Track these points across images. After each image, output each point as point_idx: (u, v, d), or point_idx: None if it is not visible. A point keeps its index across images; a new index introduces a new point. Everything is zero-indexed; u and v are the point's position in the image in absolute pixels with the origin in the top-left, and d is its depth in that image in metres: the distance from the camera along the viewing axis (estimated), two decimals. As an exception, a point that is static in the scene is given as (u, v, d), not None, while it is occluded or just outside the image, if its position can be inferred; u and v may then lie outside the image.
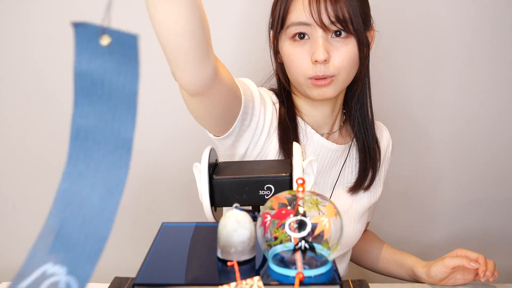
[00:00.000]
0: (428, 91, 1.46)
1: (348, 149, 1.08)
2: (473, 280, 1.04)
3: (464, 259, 1.02)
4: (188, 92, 0.82)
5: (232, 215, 0.68)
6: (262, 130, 0.98)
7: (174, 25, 0.71)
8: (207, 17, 0.76)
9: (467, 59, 1.44)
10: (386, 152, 1.17)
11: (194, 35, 0.73)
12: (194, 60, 0.75)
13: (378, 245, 1.22)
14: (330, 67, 0.93)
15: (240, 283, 0.61)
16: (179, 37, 0.72)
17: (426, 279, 1.06)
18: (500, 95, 1.46)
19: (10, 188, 1.49)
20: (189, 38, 0.73)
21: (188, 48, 0.74)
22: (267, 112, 0.99)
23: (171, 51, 0.75)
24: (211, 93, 0.82)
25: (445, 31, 1.42)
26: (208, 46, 0.77)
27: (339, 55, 0.93)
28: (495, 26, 1.42)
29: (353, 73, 0.98)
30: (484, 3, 1.41)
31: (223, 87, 0.84)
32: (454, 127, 1.49)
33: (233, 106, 0.90)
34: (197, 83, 0.79)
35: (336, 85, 0.96)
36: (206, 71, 0.78)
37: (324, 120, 1.05)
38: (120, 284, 0.79)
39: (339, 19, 0.90)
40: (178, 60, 0.76)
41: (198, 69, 0.77)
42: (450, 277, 1.04)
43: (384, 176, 1.18)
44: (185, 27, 0.71)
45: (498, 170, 1.52)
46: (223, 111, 0.89)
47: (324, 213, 0.65)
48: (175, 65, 0.77)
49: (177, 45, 0.73)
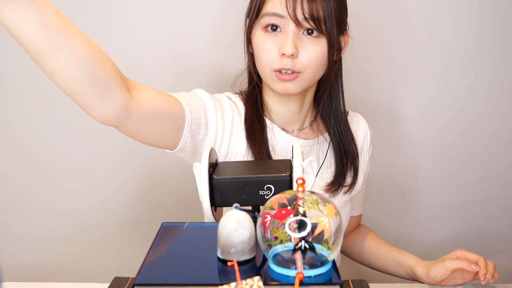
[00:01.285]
0: (429, 90, 1.46)
1: (316, 143, 1.09)
2: (472, 280, 1.05)
3: (464, 262, 1.02)
4: (104, 124, 0.82)
5: (232, 215, 0.68)
6: (223, 135, 0.99)
7: (61, 74, 0.72)
8: (103, 53, 0.77)
9: (473, 58, 1.44)
10: (364, 143, 1.17)
11: (85, 78, 0.73)
12: (94, 98, 0.76)
13: (376, 243, 1.23)
14: (297, 63, 0.94)
15: (240, 283, 0.61)
16: (71, 83, 0.73)
17: (425, 279, 1.07)
18: (502, 96, 1.46)
19: (10, 188, 1.49)
20: (80, 82, 0.73)
21: (84, 90, 0.74)
22: (226, 116, 1.00)
23: (69, 95, 0.76)
24: (131, 122, 0.82)
25: (443, 28, 1.42)
26: (108, 82, 0.76)
27: (307, 53, 0.94)
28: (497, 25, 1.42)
29: (319, 73, 0.99)
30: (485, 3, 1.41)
31: (145, 113, 0.84)
32: (455, 127, 1.49)
33: (169, 125, 0.90)
34: (107, 116, 0.79)
35: (300, 82, 0.96)
36: (113, 105, 0.78)
37: (291, 117, 1.06)
38: (120, 284, 0.79)
39: (313, 17, 0.91)
40: (78, 100, 0.77)
41: (102, 105, 0.77)
42: (449, 278, 1.04)
43: (365, 168, 1.17)
44: (72, 74, 0.72)
45: (498, 171, 1.52)
46: (156, 133, 0.89)
47: (324, 213, 0.65)
48: (79, 104, 0.78)
49: (71, 89, 0.74)
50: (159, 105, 0.88)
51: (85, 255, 1.54)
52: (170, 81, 1.42)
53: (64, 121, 1.44)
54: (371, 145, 1.20)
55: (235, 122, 1.02)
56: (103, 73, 0.75)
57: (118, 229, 1.53)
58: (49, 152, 1.46)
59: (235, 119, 1.02)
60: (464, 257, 1.04)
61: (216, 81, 1.37)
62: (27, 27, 0.67)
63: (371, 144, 1.20)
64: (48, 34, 0.69)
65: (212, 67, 1.40)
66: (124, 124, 0.82)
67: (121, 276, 0.81)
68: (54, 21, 0.69)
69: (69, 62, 0.71)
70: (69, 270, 1.54)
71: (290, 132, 1.07)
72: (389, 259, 1.16)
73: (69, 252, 1.53)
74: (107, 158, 1.47)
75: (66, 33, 0.71)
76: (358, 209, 1.27)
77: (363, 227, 1.31)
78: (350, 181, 1.11)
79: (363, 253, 1.24)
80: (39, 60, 0.71)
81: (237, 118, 1.03)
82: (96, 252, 1.54)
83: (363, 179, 1.17)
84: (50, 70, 0.72)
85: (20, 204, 1.51)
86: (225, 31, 1.37)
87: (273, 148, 1.04)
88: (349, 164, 1.10)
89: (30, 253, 1.53)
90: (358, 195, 1.23)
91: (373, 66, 1.43)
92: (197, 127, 0.96)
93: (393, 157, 1.51)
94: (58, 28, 0.69)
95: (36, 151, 1.46)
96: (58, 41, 0.70)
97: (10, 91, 1.44)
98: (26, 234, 1.52)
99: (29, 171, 1.48)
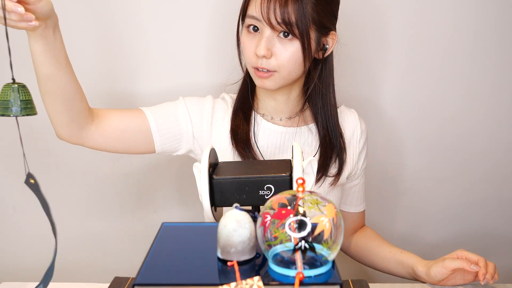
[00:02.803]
0: (431, 90, 1.46)
1: (299, 132, 1.15)
2: (473, 281, 1.04)
3: (465, 262, 1.02)
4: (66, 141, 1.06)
5: (232, 215, 0.68)
6: (202, 123, 1.12)
7: (52, 96, 0.97)
8: (81, 88, 0.99)
9: (473, 59, 1.44)
10: (353, 136, 1.19)
11: (67, 104, 0.98)
12: (67, 120, 1.00)
13: (379, 243, 1.23)
14: (270, 63, 1.02)
15: (240, 283, 0.61)
16: (57, 104, 0.98)
17: (425, 278, 1.07)
18: (502, 97, 1.46)
19: (10, 188, 1.49)
20: (62, 106, 0.98)
21: (62, 111, 0.99)
22: (205, 113, 1.13)
23: (50, 113, 1.01)
24: (91, 140, 1.06)
25: (442, 28, 1.42)
26: (81, 110, 1.00)
27: (280, 54, 1.01)
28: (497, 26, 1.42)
29: (295, 72, 1.04)
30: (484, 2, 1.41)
31: (105, 131, 1.06)
32: (455, 127, 1.49)
33: (135, 135, 1.08)
34: (69, 136, 1.04)
35: (275, 80, 1.04)
36: (77, 129, 1.03)
37: (278, 107, 1.13)
38: (120, 284, 0.79)
39: (285, 21, 0.97)
40: (54, 118, 1.01)
41: (70, 127, 1.02)
42: (449, 277, 1.04)
43: (353, 161, 1.19)
44: (60, 98, 0.97)
45: (498, 171, 1.52)
46: (121, 145, 1.09)
47: (324, 213, 0.65)
48: (53, 122, 1.02)
49: (55, 109, 0.99)
50: (117, 122, 1.06)
51: (85, 255, 1.54)
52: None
53: (64, 121, 1.44)
54: (363, 139, 1.20)
55: (217, 109, 1.14)
56: (79, 103, 0.99)
57: (118, 229, 1.53)
58: (49, 152, 1.46)
59: (216, 107, 1.15)
60: (465, 257, 1.04)
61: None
62: (39, 56, 0.90)
63: (363, 138, 1.20)
64: (54, 64, 0.92)
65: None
66: (84, 143, 1.05)
67: (121, 276, 0.81)
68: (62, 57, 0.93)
69: (60, 89, 0.94)
70: (69, 270, 1.54)
71: (277, 121, 1.15)
72: (391, 259, 1.17)
73: (69, 252, 1.53)
74: (107, 158, 1.47)
75: (66, 66, 0.94)
76: (356, 205, 1.27)
77: (367, 228, 1.30)
78: (335, 172, 1.14)
79: (366, 254, 1.24)
80: (43, 80, 0.94)
81: (221, 107, 1.15)
82: (96, 252, 1.54)
83: (349, 171, 1.18)
84: (45, 90, 0.96)
85: (20, 204, 1.51)
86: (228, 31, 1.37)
87: (257, 135, 1.13)
88: (334, 156, 1.14)
89: (30, 253, 1.53)
90: (352, 190, 1.24)
91: (374, 67, 1.44)
92: (166, 126, 1.10)
93: (393, 157, 1.51)
94: (62, 62, 0.93)
95: (36, 151, 1.46)
96: (59, 72, 0.93)
97: (10, 91, 1.44)
98: (26, 234, 1.52)
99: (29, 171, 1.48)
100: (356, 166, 1.20)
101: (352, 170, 1.20)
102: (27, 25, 0.78)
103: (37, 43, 0.88)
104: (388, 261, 1.17)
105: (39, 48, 0.88)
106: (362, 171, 1.23)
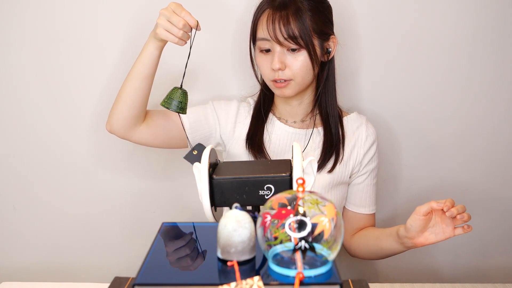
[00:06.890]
0: (430, 91, 1.46)
1: (310, 133, 1.28)
2: (453, 234, 1.06)
3: (432, 202, 1.05)
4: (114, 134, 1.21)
5: (232, 215, 0.68)
6: (227, 121, 1.28)
7: (132, 96, 1.15)
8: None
9: (472, 59, 1.44)
10: (358, 139, 1.27)
11: (141, 102, 1.16)
12: (132, 115, 1.16)
13: (373, 229, 1.28)
14: (286, 73, 1.17)
15: (240, 283, 0.61)
16: (132, 101, 1.15)
17: (406, 235, 1.08)
18: (502, 96, 1.46)
19: (10, 188, 1.49)
20: (136, 104, 1.15)
21: (136, 105, 1.16)
22: (229, 108, 1.29)
23: (122, 106, 1.15)
24: (138, 135, 1.21)
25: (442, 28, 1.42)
26: (143, 109, 1.18)
27: (293, 64, 1.17)
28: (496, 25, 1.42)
29: (308, 77, 1.19)
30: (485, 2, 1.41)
31: (149, 127, 1.22)
32: (455, 127, 1.48)
33: (173, 130, 1.24)
34: (120, 129, 1.19)
35: (292, 87, 1.19)
36: (132, 126, 1.19)
37: (292, 111, 1.29)
38: (120, 284, 0.79)
39: (290, 36, 1.13)
40: (122, 111, 1.16)
41: (127, 123, 1.18)
42: (429, 231, 1.07)
43: (356, 158, 1.26)
44: (137, 97, 1.15)
45: (498, 171, 1.52)
46: (162, 140, 1.25)
47: (324, 213, 0.65)
48: (115, 115, 1.17)
49: (128, 104, 1.15)
50: (161, 122, 1.23)
51: (85, 255, 1.53)
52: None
53: (65, 122, 1.44)
54: (368, 142, 1.27)
55: (241, 111, 1.30)
56: (146, 104, 1.18)
57: (118, 229, 1.53)
58: (50, 152, 1.46)
59: (240, 109, 1.30)
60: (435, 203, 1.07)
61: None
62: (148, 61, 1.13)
63: (368, 141, 1.27)
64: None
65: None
66: (130, 138, 1.21)
67: (121, 276, 0.81)
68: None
69: (146, 89, 1.15)
70: (69, 270, 1.54)
71: (290, 123, 1.29)
72: (381, 235, 1.20)
73: (69, 252, 1.53)
74: (107, 158, 1.47)
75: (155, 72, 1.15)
76: (366, 206, 1.29)
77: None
78: (330, 166, 1.24)
79: (363, 242, 1.27)
80: (136, 79, 1.14)
81: (244, 109, 1.31)
82: (96, 252, 1.54)
83: (351, 169, 1.26)
84: (138, 87, 1.13)
85: (20, 204, 1.51)
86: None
87: (270, 135, 1.28)
88: (332, 150, 1.25)
89: (30, 253, 1.53)
90: (355, 188, 1.28)
91: (374, 67, 1.44)
92: (197, 125, 1.26)
93: (393, 157, 1.51)
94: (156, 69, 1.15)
95: (36, 151, 1.46)
96: (153, 75, 1.15)
97: (11, 92, 1.44)
98: (26, 234, 1.52)
99: (29, 171, 1.48)
100: (359, 165, 1.26)
101: (354, 168, 1.26)
102: (183, 42, 1.06)
103: (157, 50, 1.10)
104: (380, 239, 1.20)
105: (155, 53, 1.11)
106: (367, 172, 1.27)
